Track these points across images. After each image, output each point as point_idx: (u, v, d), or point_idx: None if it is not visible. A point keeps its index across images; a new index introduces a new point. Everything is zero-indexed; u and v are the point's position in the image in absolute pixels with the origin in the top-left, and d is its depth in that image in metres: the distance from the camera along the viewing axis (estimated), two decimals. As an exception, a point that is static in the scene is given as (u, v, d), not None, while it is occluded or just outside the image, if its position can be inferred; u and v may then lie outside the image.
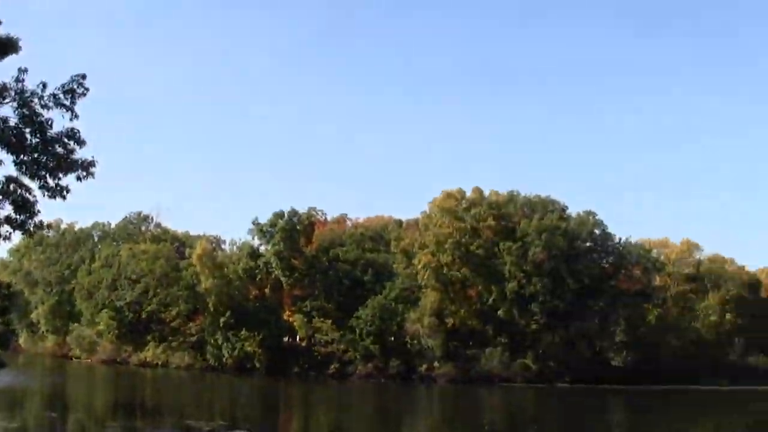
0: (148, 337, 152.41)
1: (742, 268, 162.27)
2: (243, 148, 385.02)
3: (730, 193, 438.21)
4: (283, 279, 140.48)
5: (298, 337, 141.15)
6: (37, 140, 31.43)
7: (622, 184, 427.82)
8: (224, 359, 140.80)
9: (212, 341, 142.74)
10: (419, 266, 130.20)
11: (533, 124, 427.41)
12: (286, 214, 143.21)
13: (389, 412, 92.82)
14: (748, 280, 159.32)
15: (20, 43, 31.13)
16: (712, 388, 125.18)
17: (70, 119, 31.90)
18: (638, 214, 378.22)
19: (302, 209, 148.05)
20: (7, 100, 30.91)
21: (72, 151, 32.08)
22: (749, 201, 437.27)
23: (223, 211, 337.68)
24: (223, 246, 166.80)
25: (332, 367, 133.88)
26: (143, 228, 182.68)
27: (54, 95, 31.43)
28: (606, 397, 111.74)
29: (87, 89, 32.29)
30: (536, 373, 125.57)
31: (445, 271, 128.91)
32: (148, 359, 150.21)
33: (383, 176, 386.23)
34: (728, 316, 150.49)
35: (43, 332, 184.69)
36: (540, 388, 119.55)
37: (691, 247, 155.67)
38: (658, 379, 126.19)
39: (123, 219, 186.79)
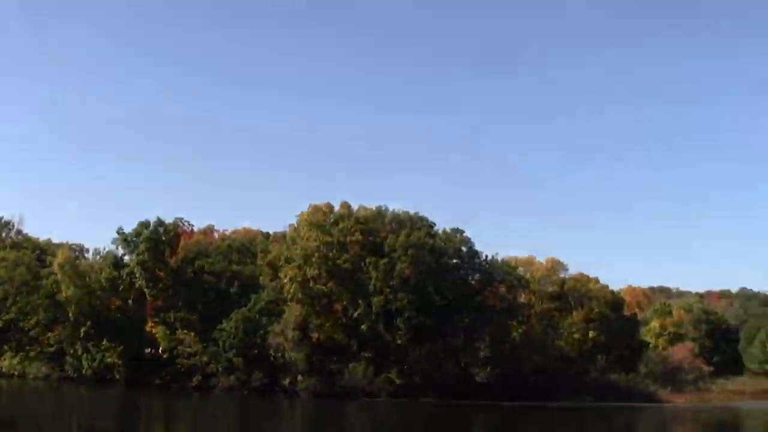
0: (5, 347, 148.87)
1: (606, 286, 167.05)
2: (112, 156, 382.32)
3: (596, 215, 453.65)
4: (146, 290, 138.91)
5: (160, 349, 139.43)
6: None
7: (489, 203, 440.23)
8: (84, 370, 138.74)
9: (72, 351, 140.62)
10: (285, 279, 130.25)
11: (401, 138, 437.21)
12: (151, 224, 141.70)
13: (250, 425, 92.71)
14: (611, 299, 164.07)
15: None
16: (574, 405, 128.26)
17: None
18: (505, 233, 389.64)
19: (169, 219, 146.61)
20: None
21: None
22: (614, 223, 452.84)
23: (89, 220, 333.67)
24: (86, 255, 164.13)
25: (195, 379, 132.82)
26: (4, 234, 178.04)
27: None
28: (469, 412, 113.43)
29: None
30: (401, 388, 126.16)
31: (311, 285, 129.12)
32: (4, 369, 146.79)
33: (252, 189, 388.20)
34: (591, 333, 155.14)
35: None
36: (404, 402, 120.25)
37: (556, 265, 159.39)
38: (522, 395, 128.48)
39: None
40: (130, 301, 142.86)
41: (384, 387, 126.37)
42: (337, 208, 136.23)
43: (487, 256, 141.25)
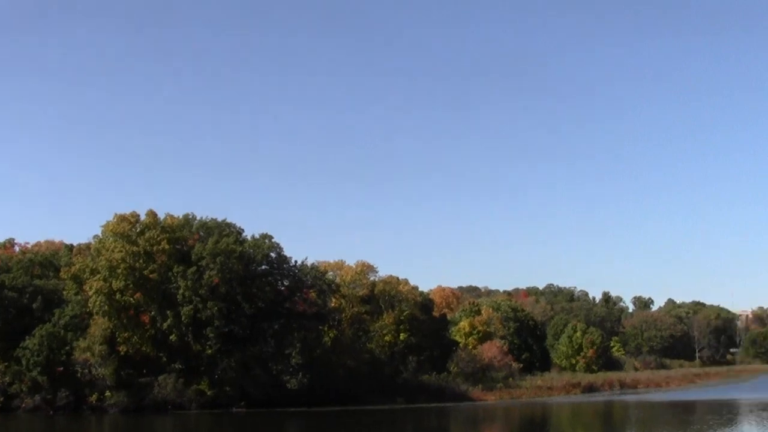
0: None
1: (415, 288, 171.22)
2: None
3: (404, 217, 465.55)
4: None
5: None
6: None
7: (297, 208, 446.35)
8: None
9: None
10: (90, 292, 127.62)
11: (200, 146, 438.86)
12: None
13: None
14: (421, 300, 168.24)
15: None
16: (387, 407, 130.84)
17: None
18: (314, 238, 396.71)
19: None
20: None
21: None
22: (422, 223, 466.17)
23: None
24: None
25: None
26: None
27: None
28: (280, 420, 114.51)
29: None
30: (212, 399, 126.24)
31: (117, 297, 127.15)
32: None
33: (54, 199, 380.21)
34: (402, 335, 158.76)
35: None
36: (216, 413, 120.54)
37: (365, 269, 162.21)
38: (335, 399, 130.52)
39: None
40: None
41: (195, 398, 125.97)
42: (143, 217, 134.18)
43: (296, 262, 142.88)
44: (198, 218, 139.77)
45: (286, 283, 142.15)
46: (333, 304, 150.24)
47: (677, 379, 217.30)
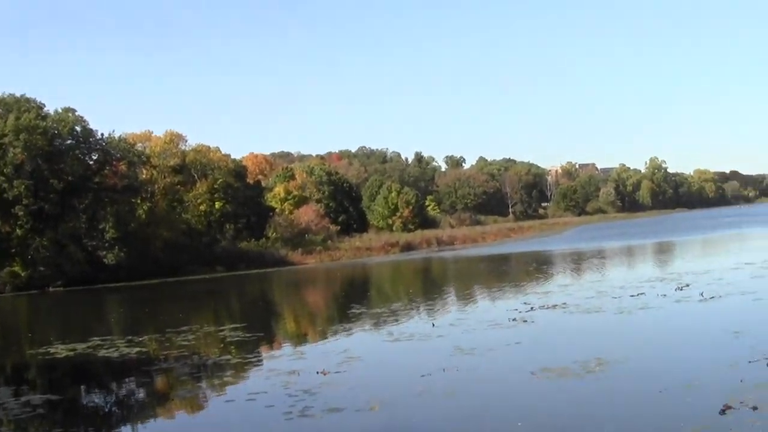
0: None
1: (227, 156, 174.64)
2: None
3: (211, 84, 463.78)
4: None
5: None
6: None
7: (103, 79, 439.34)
8: None
9: None
10: None
11: None
12: None
13: None
14: (234, 168, 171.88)
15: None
16: (208, 276, 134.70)
17: None
18: (119, 109, 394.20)
19: None
20: None
21: None
22: (230, 89, 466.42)
23: None
24: None
25: None
26: None
27: None
28: (101, 295, 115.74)
29: None
30: (27, 280, 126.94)
31: None
32: None
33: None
34: (217, 204, 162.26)
35: None
36: (32, 294, 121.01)
37: (175, 138, 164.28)
38: (154, 272, 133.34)
39: None
40: None
41: (9, 281, 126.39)
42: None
43: (102, 135, 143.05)
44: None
45: (94, 157, 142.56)
46: (144, 176, 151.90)
47: (493, 234, 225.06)
